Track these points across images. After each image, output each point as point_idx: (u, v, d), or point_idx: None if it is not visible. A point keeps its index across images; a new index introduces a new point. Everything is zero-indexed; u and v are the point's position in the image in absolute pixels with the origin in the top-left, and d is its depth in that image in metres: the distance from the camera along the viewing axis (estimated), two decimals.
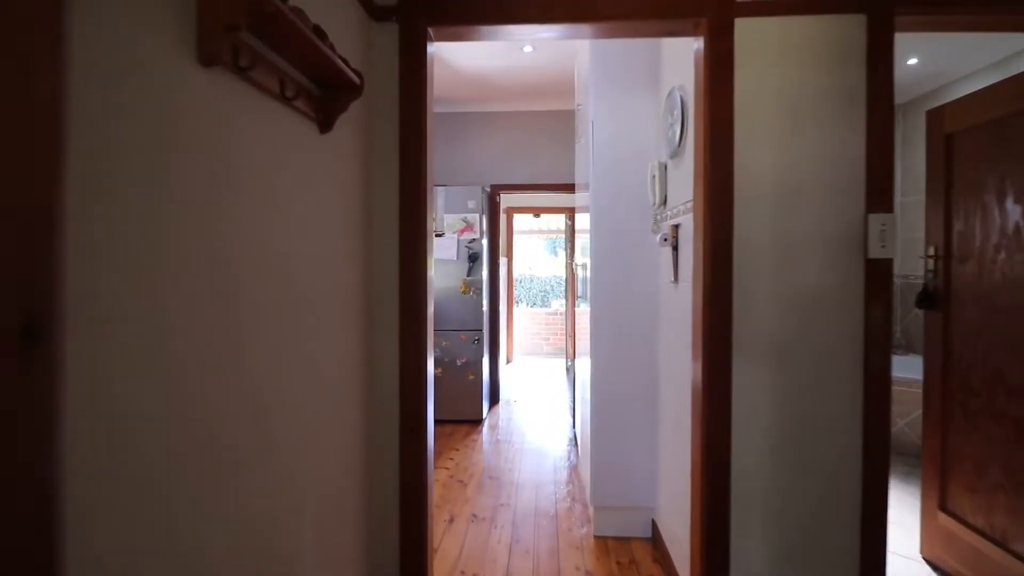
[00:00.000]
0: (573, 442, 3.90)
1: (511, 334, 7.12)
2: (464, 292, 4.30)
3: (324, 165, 1.41)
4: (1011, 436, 1.82)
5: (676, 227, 2.05)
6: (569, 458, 3.60)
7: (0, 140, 0.54)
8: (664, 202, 2.30)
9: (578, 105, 3.01)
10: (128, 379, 0.74)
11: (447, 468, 3.41)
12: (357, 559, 1.66)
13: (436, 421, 4.35)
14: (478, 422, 4.36)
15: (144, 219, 0.77)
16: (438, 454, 3.65)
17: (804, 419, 1.63)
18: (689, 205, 1.86)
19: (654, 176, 2.34)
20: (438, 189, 4.32)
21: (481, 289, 4.32)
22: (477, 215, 4.29)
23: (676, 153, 2.05)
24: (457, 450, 3.74)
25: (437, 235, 4.31)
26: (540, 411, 4.78)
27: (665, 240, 2.07)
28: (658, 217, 2.36)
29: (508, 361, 7.05)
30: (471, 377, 4.32)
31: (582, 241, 3.29)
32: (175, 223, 0.83)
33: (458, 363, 4.32)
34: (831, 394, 1.62)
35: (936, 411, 2.16)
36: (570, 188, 4.74)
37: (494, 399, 4.94)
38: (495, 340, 4.92)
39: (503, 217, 6.88)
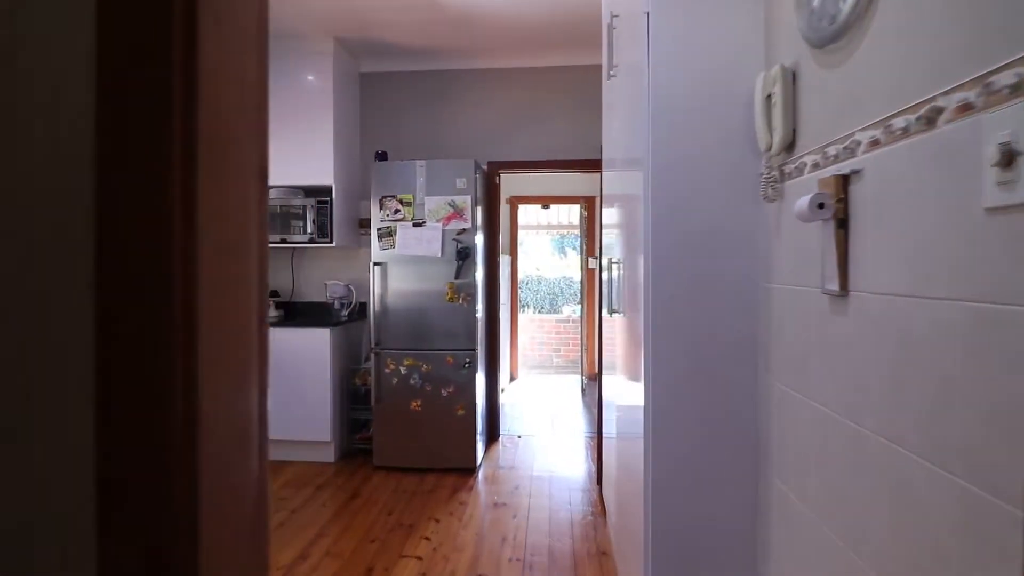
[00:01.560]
0: (597, 492, 2.84)
1: (515, 346, 6.08)
2: (450, 299, 3.25)
3: None
4: None
5: (844, 179, 1.00)
6: (594, 521, 2.54)
7: None
8: (791, 143, 1.25)
9: (614, 18, 1.96)
10: None
11: (419, 557, 2.36)
12: None
13: (413, 471, 3.30)
14: (470, 471, 3.30)
15: None
16: (410, 527, 2.61)
17: None
18: (876, 135, 0.84)
19: (770, 97, 1.29)
20: (415, 163, 3.28)
21: (474, 295, 3.27)
22: (468, 198, 3.24)
23: (841, 31, 0.99)
24: (438, 520, 2.69)
25: (415, 224, 3.26)
26: (554, 449, 3.72)
27: (820, 207, 1.01)
28: (777, 171, 1.31)
29: (512, 379, 6.00)
30: (460, 412, 3.27)
31: (610, 236, 2.27)
32: None
33: (443, 394, 3.27)
34: None
35: None
36: (592, 166, 3.68)
37: (492, 435, 3.88)
38: (493, 358, 3.87)
39: (506, 209, 5.83)
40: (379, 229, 3.28)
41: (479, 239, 3.40)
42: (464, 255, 3.23)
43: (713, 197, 1.45)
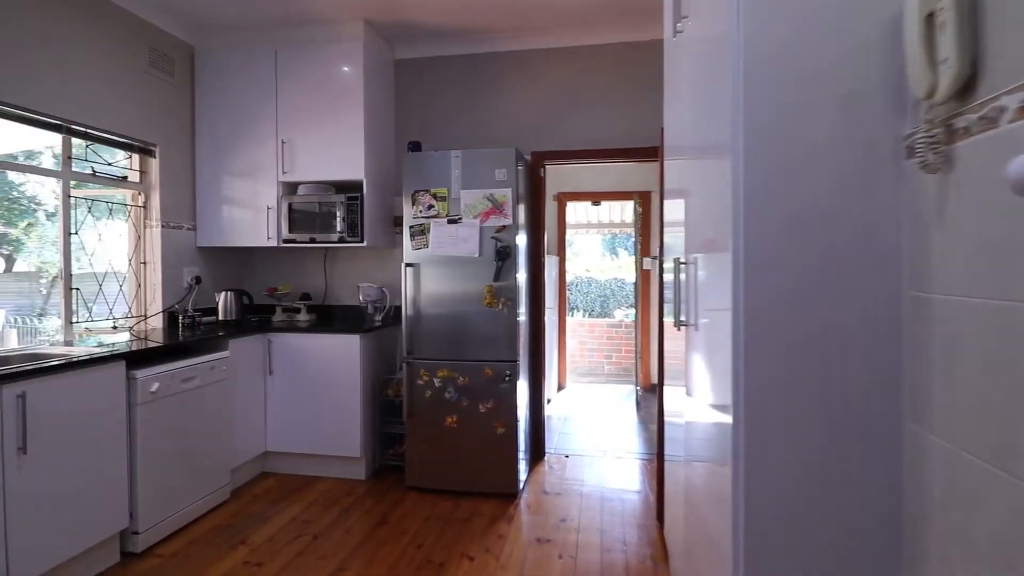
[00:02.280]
0: (657, 530, 2.43)
1: (563, 353, 5.69)
2: (489, 304, 2.91)
3: None
4: None
5: None
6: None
7: None
8: (970, 82, 0.83)
9: None
10: None
11: None
12: None
13: (448, 494, 2.98)
14: (511, 498, 2.96)
15: None
16: (440, 566, 2.28)
17: None
18: None
19: (932, 17, 0.87)
20: (450, 153, 2.96)
21: (516, 299, 2.92)
22: (509, 191, 2.90)
23: None
24: (472, 558, 2.36)
25: (450, 220, 2.94)
26: (606, 472, 3.32)
27: None
28: (942, 128, 0.89)
29: (559, 387, 5.61)
30: (500, 430, 2.93)
31: (674, 233, 1.88)
32: None
33: (481, 409, 2.94)
34: None
35: None
36: (650, 155, 3.27)
37: (536, 454, 3.52)
38: (537, 369, 3.51)
39: (553, 207, 5.46)
40: (411, 227, 2.99)
41: (521, 238, 3.05)
42: (504, 255, 2.89)
43: (829, 173, 1.04)
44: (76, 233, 2.82)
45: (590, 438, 4.02)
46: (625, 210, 7.13)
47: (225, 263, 3.69)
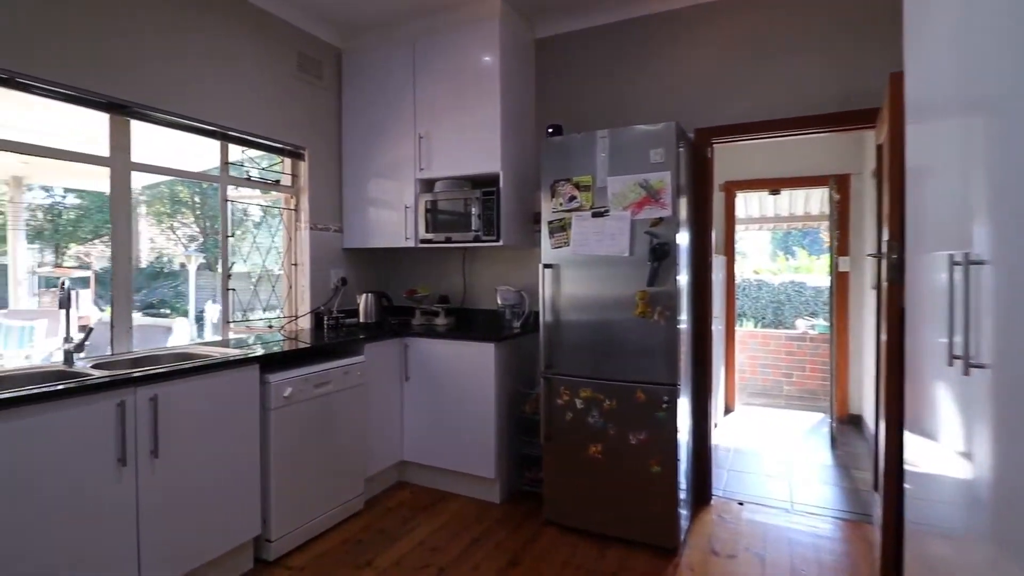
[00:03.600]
0: None
1: (732, 370, 4.85)
2: (642, 314, 2.39)
3: None
4: None
5: None
6: None
7: None
8: None
9: None
10: None
11: None
12: None
13: (592, 536, 2.52)
14: (669, 554, 2.40)
15: None
16: None
17: None
18: None
19: None
20: (595, 134, 2.50)
21: (676, 308, 2.36)
22: (667, 175, 2.35)
23: None
24: None
25: (595, 213, 2.49)
26: (795, 530, 2.59)
27: None
28: None
29: (727, 410, 4.80)
30: (655, 468, 2.39)
31: (927, 220, 1.21)
32: None
33: (632, 440, 2.43)
34: None
35: None
36: (859, 120, 2.49)
37: (701, 497, 2.89)
38: (703, 392, 2.88)
39: (719, 197, 4.68)
40: (550, 222, 2.60)
41: (683, 234, 2.48)
42: (661, 254, 2.35)
43: None
44: (233, 235, 2.93)
45: (769, 481, 3.25)
46: (810, 200, 5.99)
47: (369, 264, 3.67)
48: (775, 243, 9.84)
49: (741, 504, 2.89)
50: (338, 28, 3.30)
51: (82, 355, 2.14)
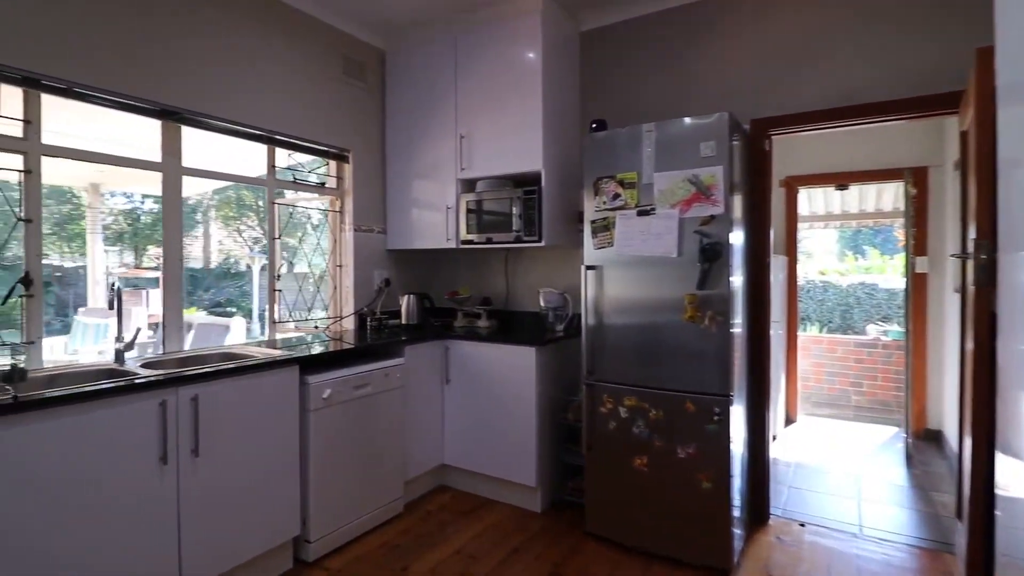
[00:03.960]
0: None
1: (793, 378, 4.54)
2: (691, 319, 2.24)
3: None
4: None
5: None
6: None
7: None
8: None
9: None
10: None
11: None
12: None
13: (635, 552, 2.39)
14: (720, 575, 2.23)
15: None
16: None
17: None
18: None
19: None
20: (641, 128, 2.36)
21: (729, 312, 2.19)
22: (719, 171, 2.19)
23: None
24: None
25: (640, 212, 2.35)
26: (868, 559, 2.35)
27: None
28: None
29: (788, 421, 4.50)
30: (705, 484, 2.23)
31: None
32: None
33: (679, 454, 2.28)
34: None
35: None
36: (940, 104, 2.26)
37: (757, 516, 2.69)
38: (760, 402, 2.68)
39: (779, 194, 4.40)
40: (593, 222, 2.48)
41: (737, 233, 2.31)
42: (712, 255, 2.19)
43: None
44: (279, 237, 2.98)
45: (835, 500, 2.99)
46: (883, 195, 5.55)
47: (412, 265, 3.66)
48: (843, 242, 9.24)
49: (803, 525, 2.67)
50: (381, 30, 3.30)
51: (134, 353, 2.21)
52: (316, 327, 3.22)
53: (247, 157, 3.07)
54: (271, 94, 2.80)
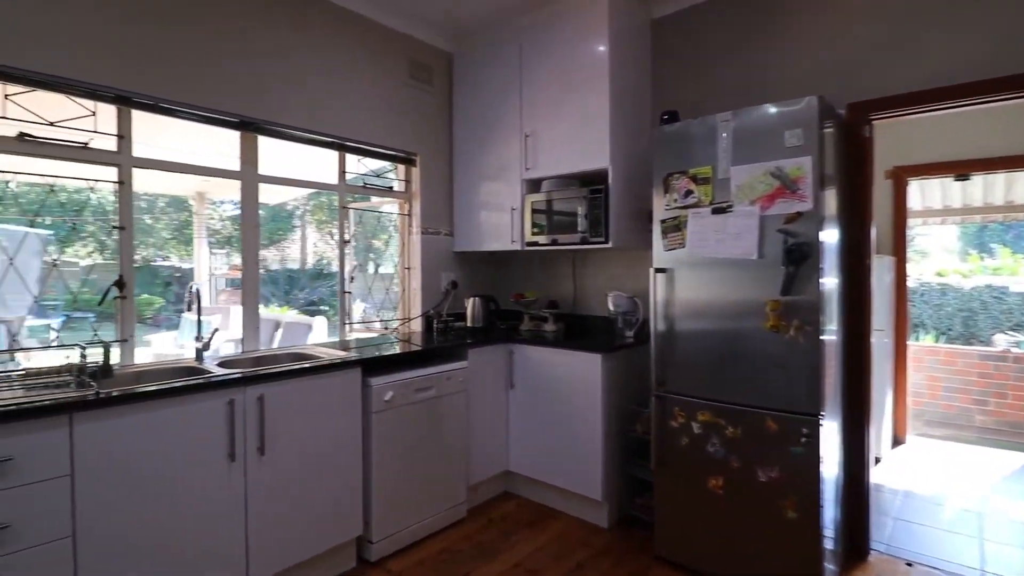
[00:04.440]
0: None
1: (902, 393, 4.04)
2: (774, 327, 2.01)
3: None
4: None
5: None
6: None
7: None
8: None
9: None
10: None
11: None
12: None
13: None
14: None
15: None
16: None
17: None
18: None
19: None
20: (715, 118, 2.16)
21: (819, 321, 1.94)
22: (807, 162, 1.95)
23: None
24: None
25: (715, 209, 2.16)
26: None
27: None
28: None
29: (896, 442, 4.01)
30: (790, 513, 1.99)
31: None
32: None
33: (760, 477, 2.05)
34: None
35: None
36: None
37: (855, 550, 2.38)
38: (858, 421, 2.37)
39: (884, 185, 3.94)
40: (663, 221, 2.31)
41: (830, 231, 2.05)
42: (799, 256, 1.95)
43: None
44: (350, 241, 3.06)
45: (951, 537, 2.60)
46: (1014, 186, 4.82)
47: (479, 268, 3.63)
48: (966, 239, 8.22)
49: (910, 565, 2.33)
50: (448, 32, 3.30)
51: (230, 349, 2.33)
52: (386, 328, 3.27)
53: (331, 163, 3.19)
54: (341, 102, 2.87)
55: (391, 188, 3.28)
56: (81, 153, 2.09)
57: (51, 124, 2.03)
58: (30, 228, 2.44)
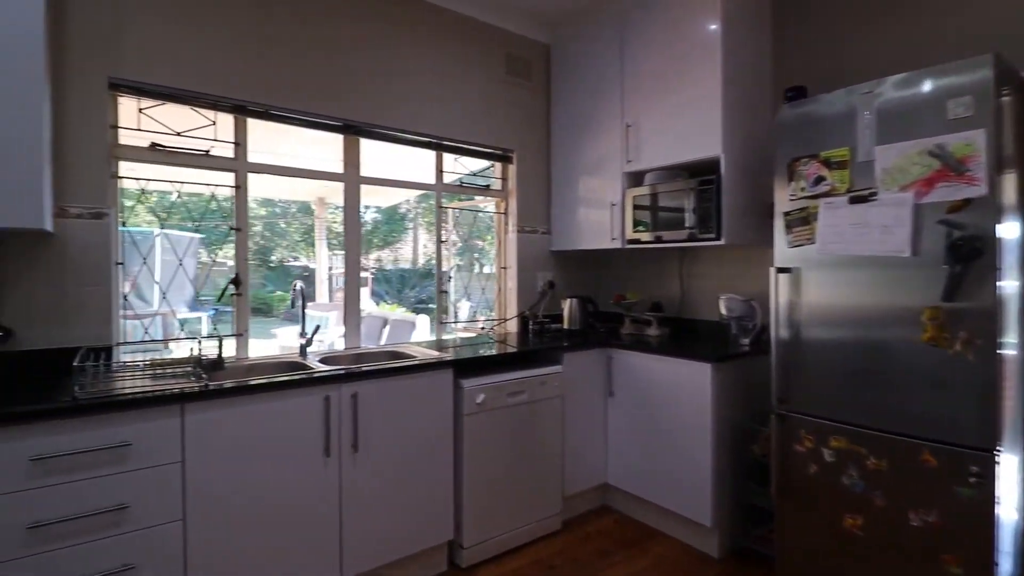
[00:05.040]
0: None
1: None
2: (932, 340, 1.65)
3: None
4: None
5: None
6: None
7: None
8: None
9: None
10: None
11: None
12: None
13: None
14: None
15: None
16: None
17: None
18: None
19: None
20: (855, 90, 1.82)
21: (995, 333, 1.56)
22: (980, 136, 1.57)
23: None
24: None
25: (854, 198, 1.82)
26: None
27: None
28: None
29: None
30: (954, 569, 1.62)
31: None
32: None
33: (912, 521, 1.69)
34: None
35: None
36: None
37: None
38: None
39: None
40: (787, 214, 2.01)
41: (1010, 223, 1.64)
42: (968, 253, 1.58)
43: None
44: (446, 241, 3.05)
45: None
46: None
47: (578, 267, 3.48)
48: None
49: None
50: (545, 23, 3.19)
51: (341, 343, 2.41)
52: (482, 328, 3.23)
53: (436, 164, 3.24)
54: (438, 101, 2.86)
55: (487, 187, 3.23)
56: (203, 160, 2.25)
57: (178, 134, 2.20)
58: (192, 233, 2.73)
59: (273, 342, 5.69)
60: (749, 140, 2.52)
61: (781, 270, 2.02)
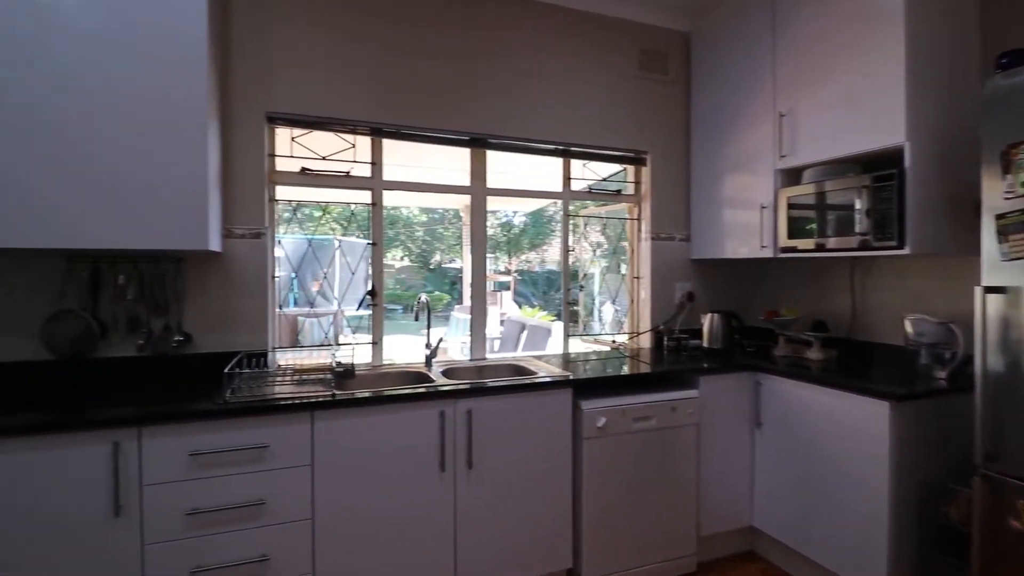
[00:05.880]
0: None
1: None
2: None
3: None
4: None
5: None
6: None
7: None
8: None
9: None
10: None
11: None
12: None
13: None
14: None
15: None
16: None
17: None
18: None
19: None
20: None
21: None
22: None
23: None
24: None
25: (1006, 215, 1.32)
26: None
27: None
28: None
29: None
30: None
31: None
32: None
33: None
34: None
35: None
36: None
37: None
38: None
39: None
40: (1000, 217, 1.54)
41: None
42: None
43: None
44: (573, 249, 2.94)
45: None
46: None
47: (722, 278, 3.12)
48: None
49: None
50: (684, 10, 2.90)
51: (492, 350, 2.46)
52: (614, 343, 3.06)
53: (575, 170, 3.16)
54: (563, 106, 2.76)
55: (619, 191, 3.05)
56: (344, 180, 2.43)
57: (323, 158, 2.40)
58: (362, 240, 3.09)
59: (421, 340, 6.09)
60: (944, 123, 2.01)
61: (991, 290, 1.56)
